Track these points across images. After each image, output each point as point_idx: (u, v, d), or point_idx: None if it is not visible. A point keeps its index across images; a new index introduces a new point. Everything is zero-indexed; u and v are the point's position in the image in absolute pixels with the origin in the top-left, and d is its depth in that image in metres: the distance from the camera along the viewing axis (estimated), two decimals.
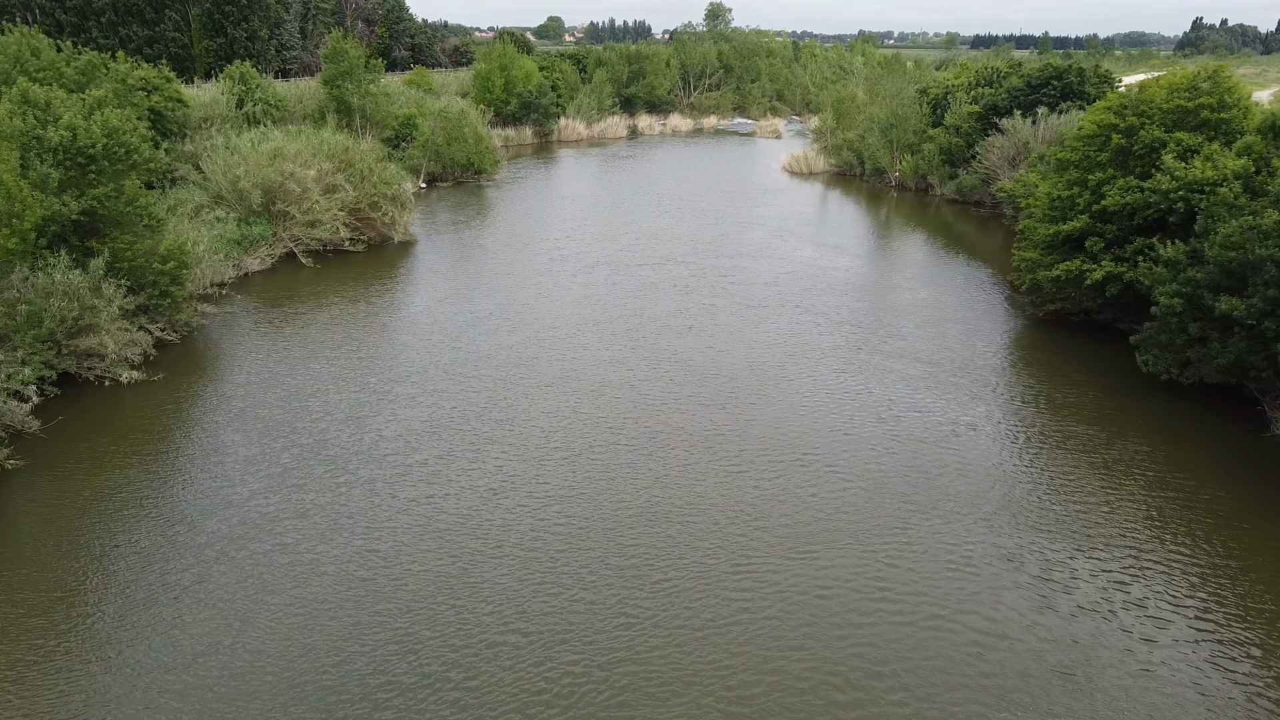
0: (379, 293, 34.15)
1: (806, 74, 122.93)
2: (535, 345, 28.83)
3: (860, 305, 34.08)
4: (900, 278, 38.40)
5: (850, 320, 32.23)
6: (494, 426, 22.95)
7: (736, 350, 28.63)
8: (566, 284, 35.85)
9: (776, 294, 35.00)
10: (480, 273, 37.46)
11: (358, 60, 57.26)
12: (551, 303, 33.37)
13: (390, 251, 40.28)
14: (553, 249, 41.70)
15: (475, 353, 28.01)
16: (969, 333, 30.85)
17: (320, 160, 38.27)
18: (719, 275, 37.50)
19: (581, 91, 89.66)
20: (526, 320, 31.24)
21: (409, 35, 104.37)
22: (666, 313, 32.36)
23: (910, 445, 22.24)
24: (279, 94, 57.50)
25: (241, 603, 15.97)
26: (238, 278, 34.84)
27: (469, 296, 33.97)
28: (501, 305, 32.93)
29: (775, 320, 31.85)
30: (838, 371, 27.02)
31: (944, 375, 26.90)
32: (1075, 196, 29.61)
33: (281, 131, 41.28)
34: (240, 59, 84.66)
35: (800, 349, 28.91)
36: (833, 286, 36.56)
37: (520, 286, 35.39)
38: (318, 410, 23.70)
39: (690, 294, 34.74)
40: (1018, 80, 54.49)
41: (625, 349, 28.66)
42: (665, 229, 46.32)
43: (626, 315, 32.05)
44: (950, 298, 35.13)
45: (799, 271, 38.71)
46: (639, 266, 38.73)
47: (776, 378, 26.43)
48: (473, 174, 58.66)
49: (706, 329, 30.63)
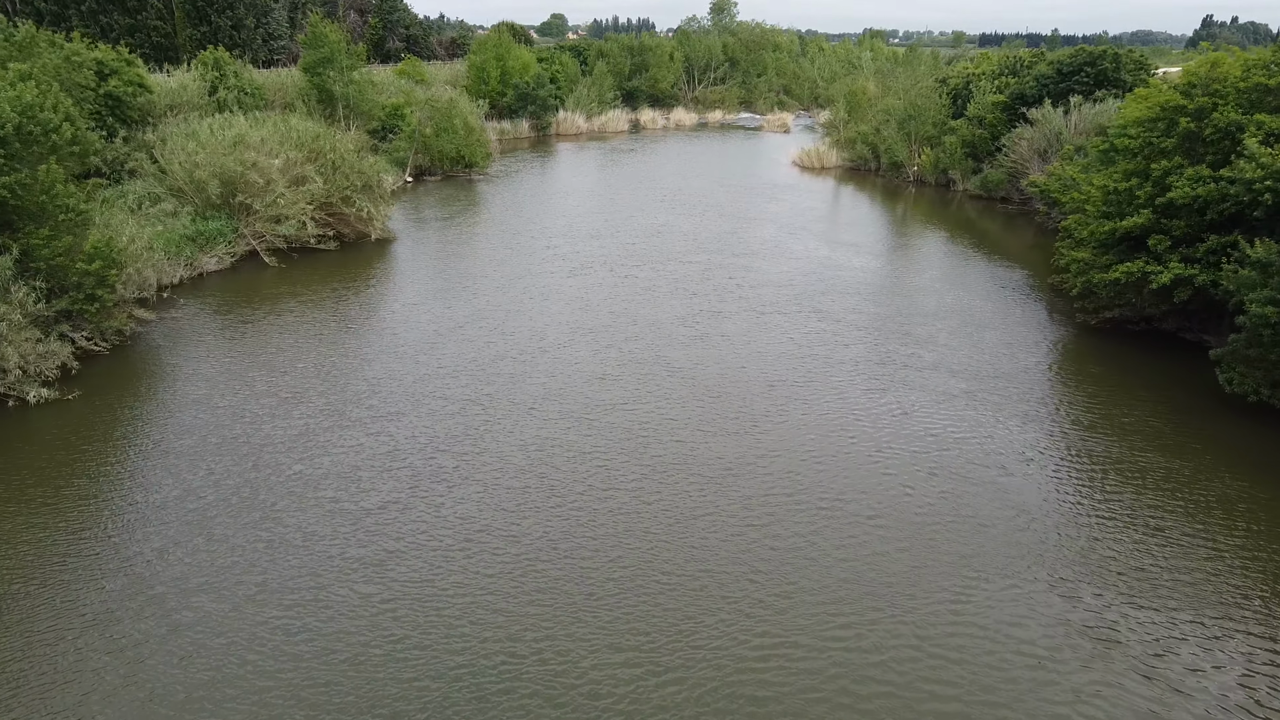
0: (346, 296, 30.56)
1: (814, 68, 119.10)
2: (518, 358, 25.22)
3: (883, 310, 30.44)
4: (925, 279, 34.75)
5: (874, 326, 28.60)
6: (462, 462, 19.33)
7: (748, 364, 25.00)
8: (558, 286, 32.25)
9: (790, 297, 31.37)
10: (463, 273, 33.87)
11: (339, 45, 53.69)
12: (540, 307, 29.76)
13: (366, 250, 36.69)
14: (545, 247, 38.10)
15: (448, 367, 24.41)
16: (1010, 343, 27.20)
17: (288, 149, 34.68)
18: (727, 276, 33.88)
19: (581, 84, 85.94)
20: (510, 328, 27.64)
21: (403, 26, 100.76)
22: (669, 319, 28.75)
23: (957, 484, 18.59)
24: (256, 81, 53.98)
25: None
26: (191, 278, 31.27)
27: (448, 300, 30.38)
28: (484, 310, 29.33)
29: (790, 327, 28.22)
30: (866, 389, 23.38)
31: (987, 393, 23.26)
32: (1134, 189, 25.92)
33: (249, 118, 37.70)
34: (226, 48, 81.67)
35: (821, 362, 25.28)
36: (851, 288, 32.93)
37: (507, 289, 31.80)
38: (257, 438, 20.10)
39: (695, 297, 31.13)
40: (1046, 67, 50.76)
41: (622, 363, 25.04)
42: (668, 225, 42.72)
43: (624, 322, 28.44)
44: (983, 302, 31.48)
45: (813, 272, 35.08)
46: (639, 266, 35.13)
47: (795, 398, 22.79)
48: (463, 168, 55.05)
49: (713, 339, 27.01)
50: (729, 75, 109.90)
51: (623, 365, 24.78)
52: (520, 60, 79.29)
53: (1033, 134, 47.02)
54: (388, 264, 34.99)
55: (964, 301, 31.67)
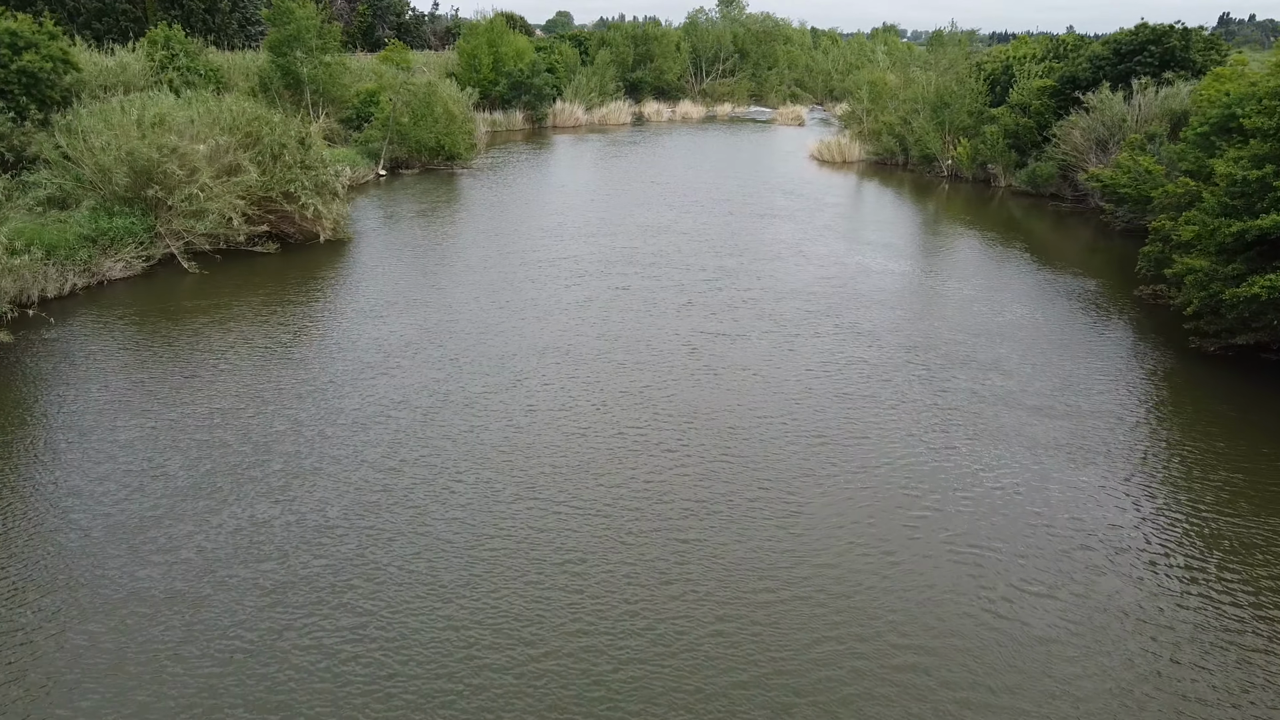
0: (275, 310, 24.92)
1: (828, 60, 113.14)
2: (470, 394, 19.55)
3: (932, 327, 24.70)
4: (974, 288, 28.96)
5: (925, 347, 22.87)
6: (369, 570, 13.67)
7: (774, 410, 19.25)
8: (539, 298, 26.59)
9: (818, 311, 25.65)
10: (426, 282, 28.20)
11: (308, 23, 48.12)
12: (513, 326, 24.10)
13: (314, 253, 31.01)
14: (527, 250, 32.43)
15: (374, 410, 18.73)
16: (1102, 371, 21.44)
17: (217, 133, 29.06)
18: (741, 286, 28.16)
19: (581, 73, 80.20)
20: (471, 353, 21.97)
21: (394, 14, 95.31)
22: (672, 344, 23.05)
23: (1088, 618, 12.83)
24: (213, 63, 48.48)
25: None
26: (88, 288, 25.68)
27: (401, 315, 24.73)
28: (442, 328, 23.67)
29: (818, 349, 22.49)
30: (931, 445, 17.63)
31: (1089, 441, 17.51)
32: (1271, 178, 20.13)
33: (181, 98, 32.12)
34: (200, 33, 76.24)
35: (868, 404, 19.53)
36: (889, 299, 27.19)
37: (475, 301, 26.14)
38: (87, 518, 14.46)
39: (704, 314, 25.42)
40: (1102, 47, 44.89)
41: (609, 402, 19.34)
42: (672, 224, 37.00)
43: (617, 348, 22.75)
44: (1053, 318, 25.71)
45: (842, 279, 29.33)
46: (637, 273, 29.42)
47: (836, 454, 17.07)
48: (444, 159, 49.41)
49: (730, 373, 21.27)
50: (739, 67, 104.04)
51: (609, 408, 19.07)
52: (514, 47, 73.64)
53: (1089, 122, 41.16)
54: (337, 270, 29.32)
55: (1029, 317, 25.91)
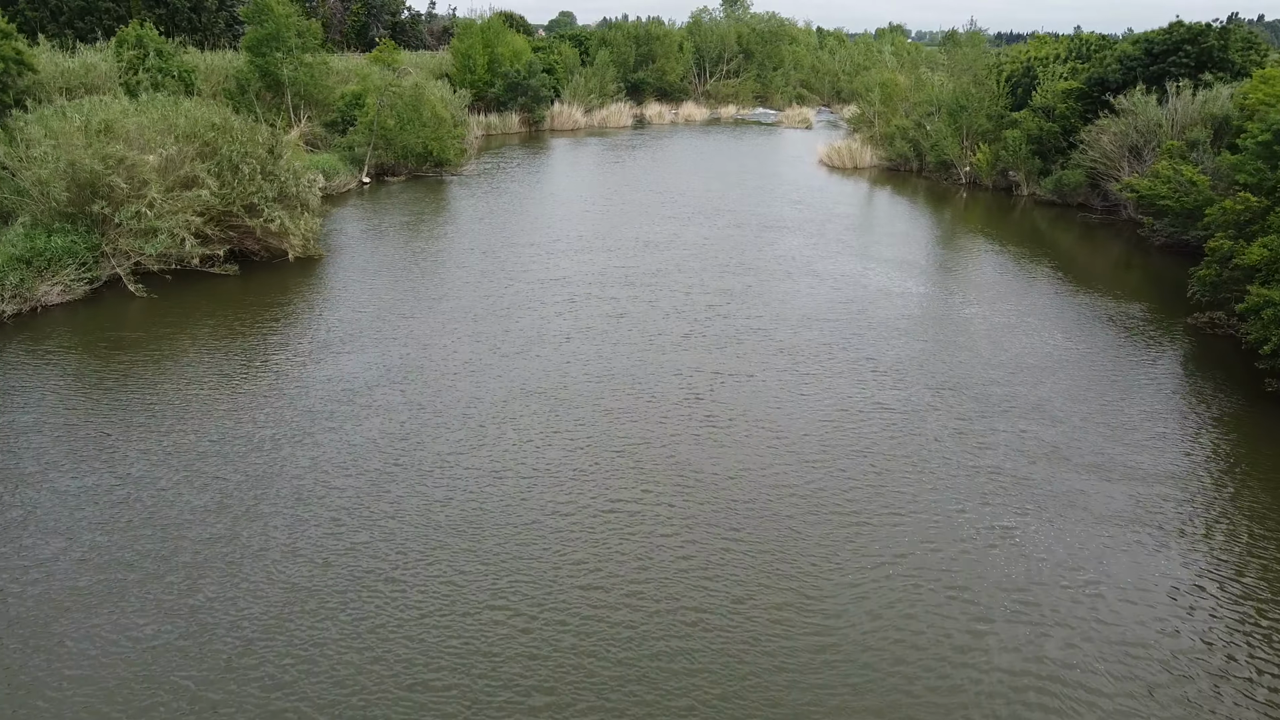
0: (221, 344, 22.24)
1: (835, 61, 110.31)
2: (430, 457, 16.84)
3: (962, 360, 21.95)
4: (1005, 313, 26.22)
5: (955, 385, 20.13)
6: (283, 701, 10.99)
7: (783, 465, 16.53)
8: (521, 326, 23.90)
9: (832, 342, 22.91)
10: (399, 307, 25.53)
11: (287, 21, 45.47)
12: (488, 361, 21.40)
13: (279, 273, 28.33)
14: (515, 269, 29.74)
15: (315, 479, 16.03)
16: (1164, 419, 18.70)
17: (171, 142, 26.40)
18: (747, 311, 25.44)
19: (580, 74, 77.42)
20: (435, 398, 19.27)
21: (389, 13, 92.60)
22: (668, 382, 20.33)
23: None
24: (189, 63, 45.84)
25: None
26: (17, 315, 22.99)
27: (365, 348, 22.05)
28: (406, 365, 20.98)
29: (835, 392, 19.76)
30: (971, 519, 14.90)
31: (1160, 515, 14.78)
32: None
33: (137, 101, 29.48)
34: (185, 32, 73.71)
35: (891, 454, 16.80)
36: (910, 326, 24.44)
37: (448, 330, 23.45)
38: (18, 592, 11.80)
39: (703, 343, 22.70)
40: (1132, 47, 42.09)
41: (594, 468, 16.62)
42: (674, 238, 34.28)
43: (605, 386, 20.05)
44: (1102, 352, 22.97)
45: (857, 302, 26.60)
46: (633, 296, 26.73)
47: (865, 539, 14.34)
48: (434, 166, 46.73)
49: (737, 426, 18.53)
50: (743, 68, 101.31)
51: (597, 483, 16.36)
52: (511, 47, 70.92)
53: (1121, 126, 38.38)
54: (301, 294, 26.63)
55: (1070, 349, 23.16)
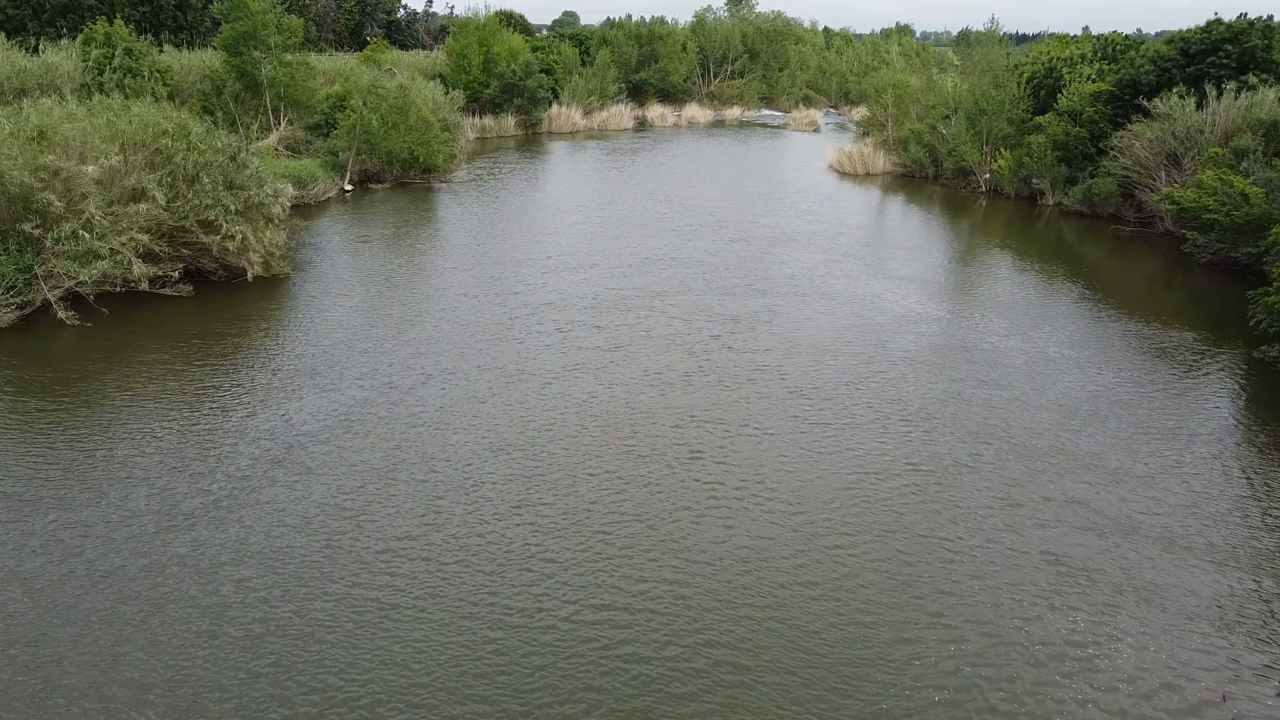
0: (155, 382, 19.58)
1: (842, 61, 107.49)
2: (375, 542, 14.16)
3: (1000, 402, 19.21)
4: (1041, 341, 23.49)
5: (994, 434, 17.40)
6: None
7: (798, 555, 13.79)
8: (500, 362, 21.23)
9: (847, 378, 20.19)
10: (364, 337, 22.87)
11: (265, 18, 42.84)
12: (458, 408, 18.73)
13: (237, 296, 25.68)
14: (502, 290, 27.09)
15: (232, 583, 13.40)
16: (1246, 479, 15.97)
17: (115, 150, 23.78)
18: (752, 340, 22.73)
19: (580, 74, 74.70)
20: (386, 452, 16.60)
21: (384, 12, 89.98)
22: (664, 438, 17.63)
23: None
24: (161, 63, 43.31)
25: None
26: None
27: (317, 387, 19.39)
28: (362, 410, 18.31)
29: (856, 447, 17.04)
30: (1036, 631, 12.17)
31: (1272, 620, 12.08)
32: None
33: (87, 105, 26.89)
34: (170, 30, 71.21)
35: (928, 535, 14.07)
36: (936, 358, 21.70)
37: (414, 365, 20.78)
38: None
39: (706, 384, 20.00)
40: (1166, 47, 39.30)
41: (572, 562, 13.95)
42: (674, 253, 31.59)
43: (591, 444, 17.37)
44: (1158, 391, 20.23)
45: (872, 328, 23.87)
46: (629, 323, 24.05)
47: (912, 654, 11.62)
48: (421, 172, 44.09)
49: (735, 484, 15.87)
50: (748, 68, 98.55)
51: (573, 584, 13.66)
52: (508, 46, 68.24)
53: (1156, 132, 35.63)
54: (258, 321, 23.96)
55: (1120, 387, 20.43)
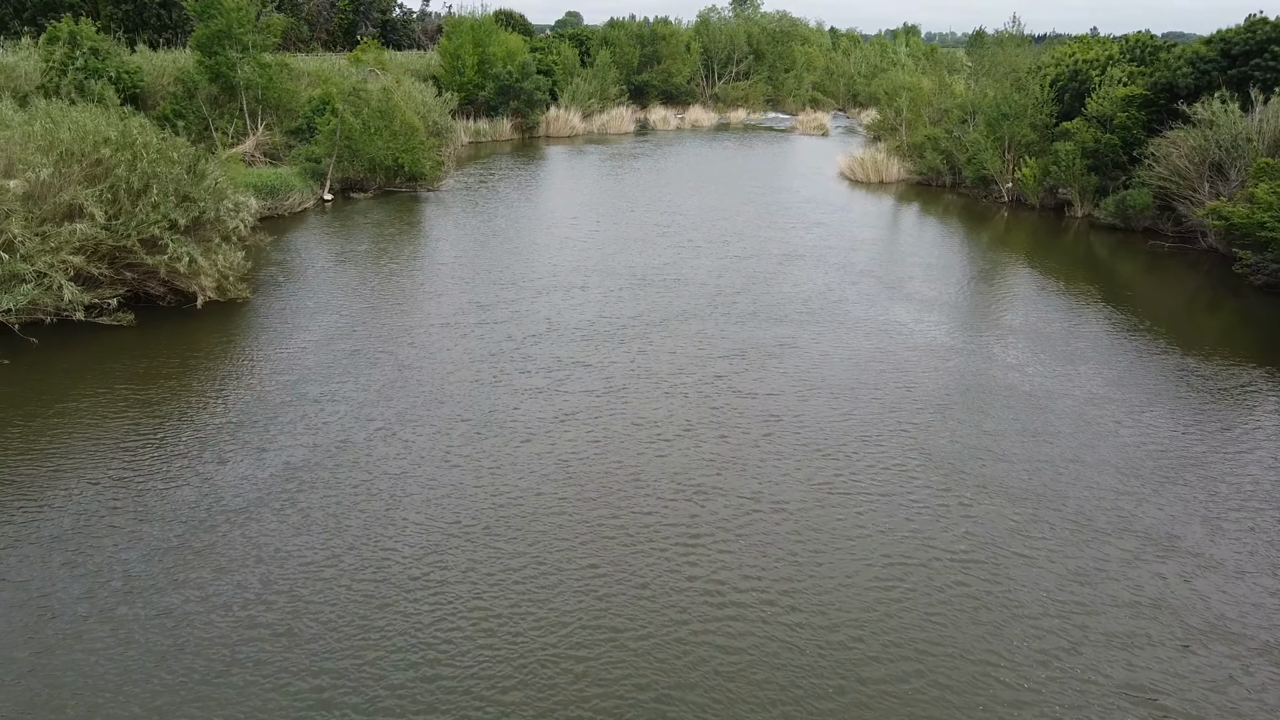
0: (64, 436, 16.94)
1: (850, 63, 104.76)
2: (294, 653, 11.51)
3: (1047, 461, 16.46)
4: (1087, 381, 20.75)
5: (1047, 503, 14.64)
6: None
7: (819, 675, 11.10)
8: (469, 410, 18.55)
9: (870, 431, 17.47)
10: (318, 379, 20.21)
11: (240, 15, 40.25)
12: (411, 467, 16.06)
13: (185, 325, 23.02)
14: (481, 318, 24.43)
15: (123, 680, 10.73)
16: None
17: (47, 163, 21.16)
18: (760, 380, 20.02)
19: (580, 76, 72.05)
20: (325, 534, 13.92)
21: (378, 11, 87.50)
22: (655, 514, 14.90)
23: None
24: (130, 63, 40.76)
25: None
26: None
27: (258, 443, 16.73)
28: (303, 474, 15.62)
29: (892, 526, 14.29)
30: None
31: None
32: None
33: (14, 112, 24.29)
34: (153, 31, 68.69)
35: (986, 656, 11.35)
36: (971, 402, 18.93)
37: (372, 416, 18.10)
38: None
39: (707, 440, 17.28)
40: (1205, 48, 36.54)
41: (532, 690, 11.27)
42: (675, 270, 28.91)
43: (566, 524, 14.65)
44: (1232, 444, 17.49)
45: (896, 365, 21.13)
46: (621, 361, 21.36)
47: None
48: (407, 180, 41.47)
49: (740, 586, 13.15)
50: (754, 69, 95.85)
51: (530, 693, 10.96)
52: (504, 46, 65.62)
53: (1198, 139, 32.88)
54: (204, 355, 21.29)
55: (1186, 441, 17.71)
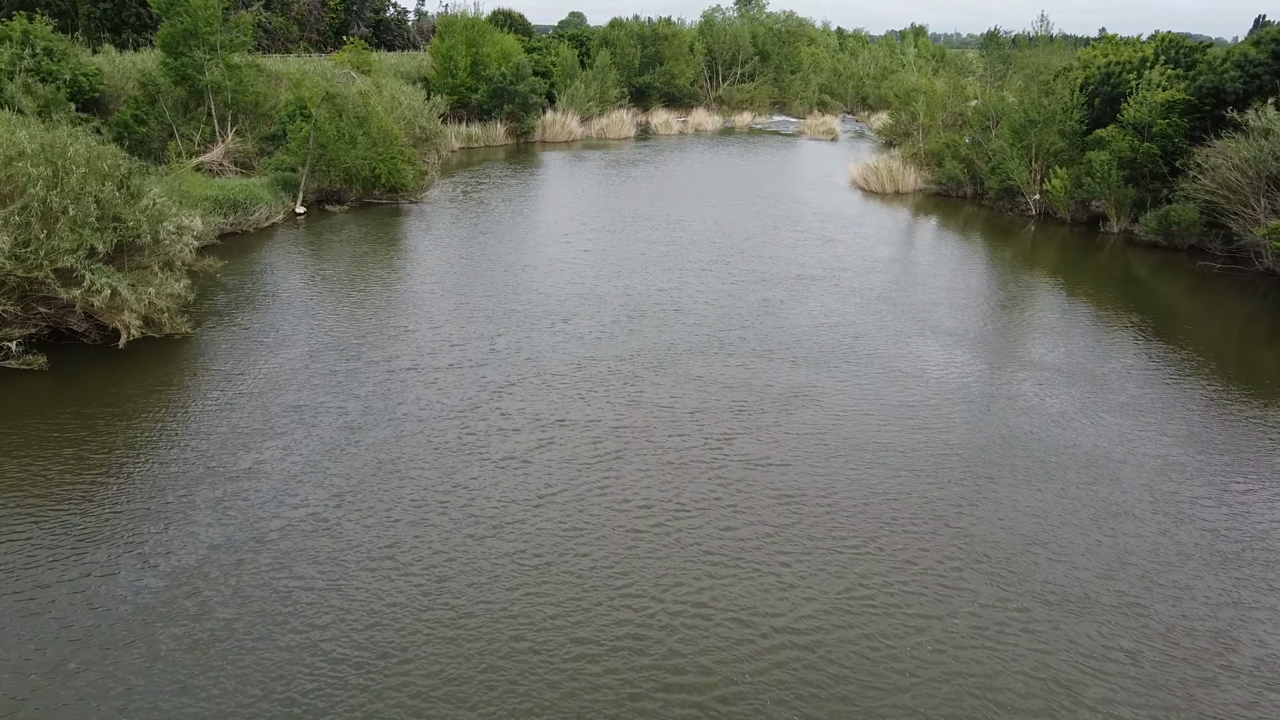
0: None
1: (858, 64, 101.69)
2: None
3: (1130, 551, 13.38)
4: (1157, 439, 17.70)
5: (1145, 622, 11.56)
6: None
7: None
8: (421, 489, 15.56)
9: (905, 506, 14.42)
10: (252, 442, 17.22)
11: (206, 14, 37.32)
12: (351, 567, 13.06)
13: (111, 367, 20.05)
14: (452, 359, 21.44)
15: None
16: None
17: None
18: (773, 441, 16.98)
19: (579, 78, 69.04)
20: (234, 668, 10.97)
21: (372, 10, 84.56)
22: (644, 655, 11.90)
23: None
24: (89, 65, 37.88)
25: None
26: None
27: (171, 525, 13.75)
28: (216, 575, 12.65)
29: (941, 653, 11.23)
30: None
31: None
32: None
33: None
34: (134, 30, 65.89)
35: None
36: (1019, 465, 15.84)
37: (303, 499, 15.11)
38: None
39: (707, 523, 14.25)
40: (1254, 49, 33.42)
41: None
42: (675, 297, 25.89)
43: (533, 661, 11.68)
44: None
45: (931, 420, 18.05)
46: (610, 418, 18.33)
47: None
48: (388, 191, 38.52)
49: None
50: (759, 71, 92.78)
51: None
52: (499, 47, 62.73)
53: (1251, 150, 29.80)
54: (119, 409, 18.29)
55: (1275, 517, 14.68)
